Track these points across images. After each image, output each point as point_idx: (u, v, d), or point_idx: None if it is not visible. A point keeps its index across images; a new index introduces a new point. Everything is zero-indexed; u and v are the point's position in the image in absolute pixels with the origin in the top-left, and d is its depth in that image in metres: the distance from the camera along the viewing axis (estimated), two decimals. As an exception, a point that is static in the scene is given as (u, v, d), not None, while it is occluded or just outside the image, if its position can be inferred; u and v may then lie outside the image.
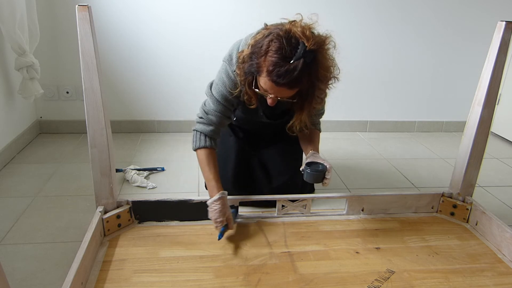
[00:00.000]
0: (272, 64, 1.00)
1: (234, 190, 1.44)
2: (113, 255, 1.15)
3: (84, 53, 1.07)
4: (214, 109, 1.26)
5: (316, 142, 1.38)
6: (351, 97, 2.43)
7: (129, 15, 2.09)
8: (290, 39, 1.00)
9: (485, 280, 1.11)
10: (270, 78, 1.02)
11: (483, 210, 1.34)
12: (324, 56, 1.05)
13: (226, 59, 1.23)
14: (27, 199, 1.52)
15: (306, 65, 0.99)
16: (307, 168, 1.21)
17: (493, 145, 2.33)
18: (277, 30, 1.02)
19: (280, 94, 1.07)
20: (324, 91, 1.15)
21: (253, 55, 1.05)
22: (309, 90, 1.10)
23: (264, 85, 1.06)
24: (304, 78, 1.02)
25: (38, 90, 1.92)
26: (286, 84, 1.02)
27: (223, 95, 1.24)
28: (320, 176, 1.20)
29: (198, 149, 1.28)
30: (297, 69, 0.99)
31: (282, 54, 0.99)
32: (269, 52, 1.01)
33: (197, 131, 1.29)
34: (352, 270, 1.13)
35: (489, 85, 1.27)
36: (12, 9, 1.67)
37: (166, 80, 2.23)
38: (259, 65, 1.03)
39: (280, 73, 0.99)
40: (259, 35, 1.06)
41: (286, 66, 0.99)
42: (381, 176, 1.87)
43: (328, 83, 1.12)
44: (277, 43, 1.00)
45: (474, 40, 2.38)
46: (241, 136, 1.52)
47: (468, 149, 1.35)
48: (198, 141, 1.27)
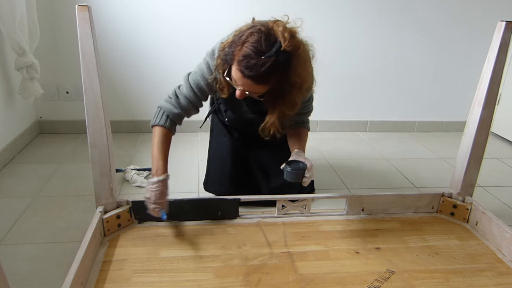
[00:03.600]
0: (244, 55, 1.01)
1: (233, 189, 1.44)
2: (113, 255, 1.15)
3: (84, 53, 1.07)
4: (186, 95, 1.26)
5: (303, 140, 1.37)
6: (351, 97, 2.43)
7: (129, 15, 2.09)
8: (269, 36, 1.01)
9: (485, 280, 1.11)
10: (239, 68, 1.03)
11: (483, 210, 1.34)
12: (298, 61, 1.05)
13: (209, 52, 1.23)
14: (27, 199, 1.52)
15: (276, 64, 1.00)
16: (287, 166, 1.19)
17: (493, 145, 2.33)
18: (260, 25, 1.03)
19: (248, 87, 1.07)
20: (297, 98, 1.14)
21: (232, 43, 1.06)
22: (279, 93, 1.10)
23: (234, 75, 1.07)
24: (273, 77, 1.03)
25: (38, 90, 1.92)
26: (252, 77, 1.02)
27: (198, 84, 1.25)
28: (300, 174, 1.18)
29: (157, 126, 1.27)
30: (266, 65, 1.00)
31: (257, 47, 1.00)
32: (245, 43, 1.02)
33: (161, 108, 1.28)
34: (352, 270, 1.12)
35: (489, 85, 1.27)
36: (12, 9, 1.67)
37: (166, 80, 2.23)
38: (234, 53, 1.05)
39: (248, 65, 1.01)
40: (244, 27, 1.08)
41: (256, 60, 1.00)
42: (381, 176, 1.87)
43: (301, 91, 1.12)
44: (255, 37, 1.01)
45: (474, 40, 2.38)
46: (235, 136, 1.52)
47: (468, 149, 1.35)
48: (159, 119, 1.27)
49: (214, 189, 1.52)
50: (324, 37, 2.23)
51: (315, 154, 2.10)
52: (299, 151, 1.29)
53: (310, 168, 1.19)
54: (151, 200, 1.18)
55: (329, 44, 2.26)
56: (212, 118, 1.60)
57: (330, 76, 2.33)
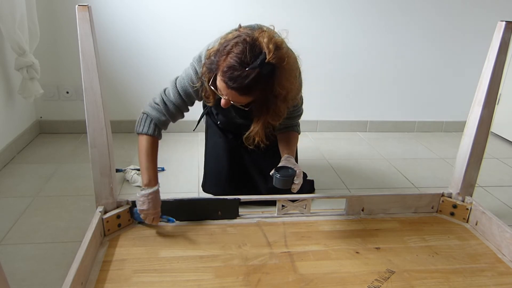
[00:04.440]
0: (228, 66, 1.00)
1: (230, 189, 1.44)
2: (113, 255, 1.15)
3: (84, 53, 1.07)
4: (174, 101, 1.25)
5: (293, 145, 1.37)
6: (351, 97, 2.43)
7: (129, 15, 2.09)
8: (253, 47, 1.00)
9: (485, 280, 1.11)
10: (223, 78, 1.02)
11: (483, 210, 1.34)
12: (282, 73, 1.04)
13: (196, 59, 1.23)
14: (27, 199, 1.52)
15: (261, 76, 0.99)
16: (276, 173, 1.19)
17: (493, 145, 2.33)
18: (246, 35, 1.02)
19: (232, 97, 1.07)
20: (281, 109, 1.13)
21: (217, 52, 1.05)
22: (263, 103, 1.10)
23: (218, 84, 1.07)
24: (257, 88, 1.02)
25: (38, 90, 1.92)
26: (236, 88, 1.01)
27: (186, 90, 1.24)
28: (289, 181, 1.18)
29: (144, 135, 1.25)
30: (249, 77, 0.99)
31: (241, 59, 0.99)
32: (230, 53, 1.01)
33: (148, 116, 1.26)
34: (352, 270, 1.12)
35: (489, 85, 1.27)
36: (12, 9, 1.67)
37: (166, 80, 2.21)
38: (219, 63, 1.04)
39: (232, 76, 1.00)
40: (230, 35, 1.07)
41: (240, 72, 0.99)
42: (381, 176, 1.87)
43: (285, 102, 1.12)
44: (240, 47, 1.00)
45: (474, 40, 2.38)
46: (230, 137, 1.52)
47: (468, 149, 1.35)
48: (147, 127, 1.25)
49: (212, 190, 1.52)
50: (324, 37, 2.24)
51: (315, 154, 2.10)
52: (289, 157, 1.29)
53: (299, 174, 1.19)
54: (149, 211, 1.21)
55: (329, 44, 2.26)
56: (206, 119, 1.60)
57: (330, 76, 2.33)
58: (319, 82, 2.30)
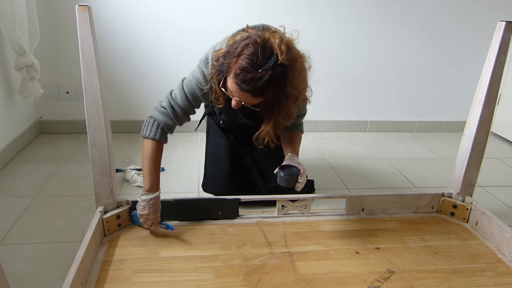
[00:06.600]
0: (240, 68, 0.99)
1: (231, 189, 1.44)
2: (113, 255, 1.15)
3: (84, 53, 1.07)
4: (181, 105, 1.24)
5: (296, 144, 1.37)
6: (351, 97, 2.43)
7: (129, 15, 2.09)
8: (265, 48, 0.99)
9: (485, 280, 1.11)
10: (236, 81, 1.01)
11: (483, 210, 1.34)
12: (294, 74, 1.04)
13: (203, 61, 1.21)
14: (27, 199, 1.52)
15: (274, 77, 0.99)
16: (281, 171, 1.19)
17: (493, 145, 2.33)
18: (256, 36, 1.01)
19: (244, 99, 1.07)
20: (292, 109, 1.13)
21: (227, 54, 1.05)
22: (275, 103, 1.10)
23: (230, 86, 1.06)
24: (270, 90, 1.02)
25: (38, 90, 1.92)
26: (250, 91, 1.01)
27: (194, 93, 1.23)
28: (293, 180, 1.18)
29: (150, 139, 1.24)
30: (263, 79, 0.98)
31: (253, 61, 0.98)
32: (241, 55, 1.00)
33: (155, 120, 1.25)
34: (352, 270, 1.13)
35: (489, 85, 1.27)
36: (12, 9, 1.67)
37: (166, 80, 2.23)
38: (230, 65, 1.03)
39: (245, 79, 0.99)
40: (238, 36, 1.06)
41: (253, 74, 0.98)
42: (381, 176, 1.87)
43: (297, 102, 1.12)
44: (251, 49, 0.99)
45: (474, 40, 2.38)
46: (231, 137, 1.52)
47: (468, 149, 1.35)
48: (152, 131, 1.23)
49: (212, 190, 1.52)
50: (324, 37, 2.23)
51: (315, 154, 2.10)
52: (293, 155, 1.29)
53: (303, 173, 1.19)
54: (150, 217, 1.22)
55: (329, 44, 2.26)
56: (207, 119, 1.60)
57: (330, 76, 2.33)
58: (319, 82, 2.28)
